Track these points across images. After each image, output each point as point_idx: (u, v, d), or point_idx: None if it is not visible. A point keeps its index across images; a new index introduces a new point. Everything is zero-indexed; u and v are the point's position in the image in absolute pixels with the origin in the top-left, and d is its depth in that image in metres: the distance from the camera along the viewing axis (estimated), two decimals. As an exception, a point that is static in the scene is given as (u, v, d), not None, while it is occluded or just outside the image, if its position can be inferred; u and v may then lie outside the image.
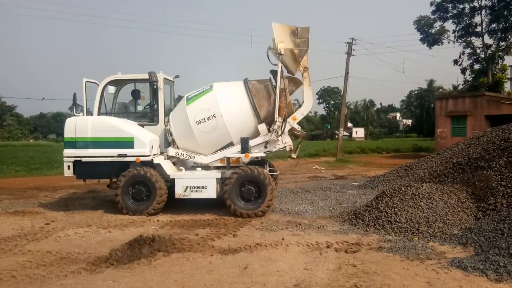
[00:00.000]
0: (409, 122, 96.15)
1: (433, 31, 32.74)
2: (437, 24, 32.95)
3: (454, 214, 6.99)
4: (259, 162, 9.10)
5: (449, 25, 40.26)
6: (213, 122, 8.41)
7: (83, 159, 8.52)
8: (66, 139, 8.58)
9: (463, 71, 34.01)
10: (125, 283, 4.73)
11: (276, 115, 8.40)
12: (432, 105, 53.78)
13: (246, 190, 8.20)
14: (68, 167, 8.64)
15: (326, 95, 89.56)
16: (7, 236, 6.87)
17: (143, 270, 5.16)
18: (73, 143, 8.52)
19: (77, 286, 4.64)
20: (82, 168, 8.60)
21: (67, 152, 8.57)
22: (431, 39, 32.73)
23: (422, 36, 33.05)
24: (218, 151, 8.72)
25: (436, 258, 5.41)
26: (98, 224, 7.78)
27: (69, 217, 8.42)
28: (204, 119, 8.41)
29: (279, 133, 8.45)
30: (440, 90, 75.38)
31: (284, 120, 8.49)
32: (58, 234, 7.00)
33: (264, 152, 8.69)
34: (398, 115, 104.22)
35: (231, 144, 8.65)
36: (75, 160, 8.56)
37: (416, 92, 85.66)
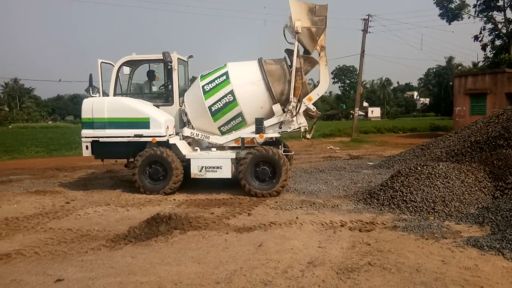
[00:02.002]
0: (427, 101, 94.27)
1: (452, 6, 31.60)
2: (457, -1, 31.79)
3: (471, 193, 6.92)
4: (273, 143, 9.12)
5: (470, -1, 38.79)
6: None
7: (101, 139, 8.67)
8: (83, 119, 8.73)
9: (484, 47, 32.94)
10: (143, 259, 4.87)
11: (291, 96, 8.32)
12: (450, 83, 52.57)
13: (260, 170, 8.24)
14: (86, 147, 8.80)
15: (342, 74, 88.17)
16: (29, 214, 7.11)
17: (160, 247, 5.30)
18: (91, 124, 8.66)
19: (97, 262, 4.80)
20: (99, 148, 8.76)
21: (85, 132, 8.73)
22: (451, 14, 31.63)
23: (441, 11, 31.97)
24: (233, 132, 8.74)
25: (452, 237, 5.39)
26: (117, 203, 7.96)
27: (88, 196, 8.64)
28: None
29: (294, 113, 8.39)
30: (460, 67, 73.36)
31: (299, 101, 8.41)
32: (78, 213, 7.21)
33: (279, 132, 8.67)
34: (415, 93, 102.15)
35: (242, 118, 8.59)
36: (93, 141, 8.72)
37: (434, 70, 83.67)
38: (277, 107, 8.45)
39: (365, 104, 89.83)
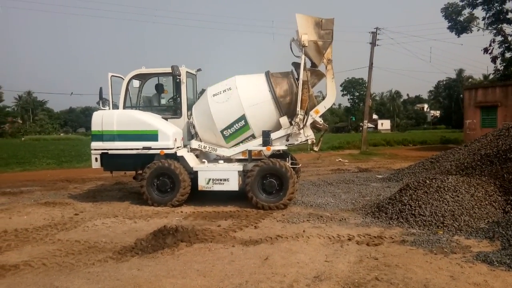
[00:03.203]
0: (437, 113, 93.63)
1: (461, 18, 31.50)
2: (466, 11, 31.64)
3: (481, 207, 6.81)
4: (281, 155, 9.13)
5: (479, 12, 38.66)
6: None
7: (110, 152, 8.77)
8: (93, 132, 8.85)
9: (494, 59, 32.66)
10: (149, 271, 4.87)
11: (298, 108, 8.35)
12: (461, 95, 52.20)
13: (268, 182, 8.23)
14: (96, 159, 8.90)
15: (351, 86, 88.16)
16: (38, 225, 7.18)
17: (166, 259, 5.30)
18: (100, 136, 8.77)
19: (103, 274, 4.82)
20: (109, 160, 8.85)
21: (95, 145, 8.84)
22: (460, 27, 31.52)
23: (450, 24, 31.92)
24: (240, 144, 8.78)
25: (461, 252, 5.30)
26: (124, 214, 8.01)
27: (97, 208, 8.70)
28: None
29: (301, 126, 8.41)
30: (470, 80, 72.92)
31: (306, 113, 8.43)
32: (87, 224, 7.26)
33: (286, 145, 8.69)
34: (425, 106, 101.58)
35: (252, 137, 8.68)
36: (102, 153, 8.82)
37: (444, 82, 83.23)
38: (284, 120, 8.48)
39: (375, 116, 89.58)
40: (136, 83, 9.52)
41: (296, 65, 8.62)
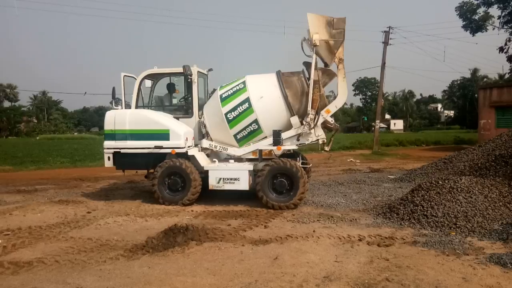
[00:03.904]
0: (451, 113, 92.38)
1: (476, 17, 31.03)
2: (481, 10, 31.15)
3: (495, 208, 6.71)
4: (291, 155, 9.11)
5: (494, 11, 38.07)
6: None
7: (122, 151, 8.86)
8: (106, 131, 8.95)
9: (510, 59, 32.03)
10: (160, 269, 4.91)
11: (309, 108, 8.32)
12: (475, 95, 51.39)
13: (278, 182, 8.23)
14: (108, 158, 9.00)
15: (363, 86, 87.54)
16: (52, 223, 7.30)
17: (177, 257, 5.34)
18: (113, 135, 8.87)
19: (115, 272, 4.87)
20: (121, 159, 8.94)
21: (107, 144, 8.94)
22: (474, 25, 31.02)
23: (464, 23, 31.45)
24: (251, 143, 8.79)
25: (474, 254, 5.23)
26: (136, 213, 8.09)
27: (109, 206, 8.81)
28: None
29: (312, 126, 8.38)
30: (485, 79, 71.75)
31: (317, 113, 8.40)
32: (99, 222, 7.35)
33: (297, 144, 8.66)
34: (439, 106, 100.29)
35: (263, 136, 8.68)
36: (114, 152, 8.92)
37: (458, 82, 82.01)
38: (295, 120, 8.46)
39: (387, 116, 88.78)
40: (148, 82, 9.59)
41: (307, 65, 8.59)
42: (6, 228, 6.97)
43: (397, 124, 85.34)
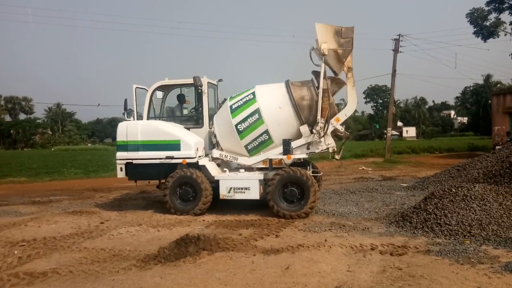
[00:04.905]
0: (465, 120, 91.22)
1: (487, 23, 30.80)
2: (492, 16, 30.94)
3: (510, 216, 6.59)
4: (302, 164, 9.11)
5: (506, 17, 37.57)
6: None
7: (134, 161, 8.96)
8: (118, 142, 9.08)
9: (523, 64, 31.68)
10: (172, 280, 4.94)
11: (319, 116, 8.34)
12: (489, 101, 50.68)
13: (289, 191, 8.22)
14: (121, 169, 9.11)
15: (374, 93, 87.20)
16: (66, 234, 7.39)
17: (188, 268, 5.36)
18: (125, 146, 8.99)
19: (127, 282, 4.91)
20: (133, 170, 9.05)
21: (120, 155, 9.06)
22: (486, 32, 30.75)
23: (475, 29, 31.22)
24: (261, 153, 8.81)
25: (489, 262, 5.14)
26: (148, 223, 8.15)
27: (122, 217, 8.89)
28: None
29: (322, 134, 8.38)
30: (498, 85, 70.77)
31: (327, 122, 8.41)
32: (112, 233, 7.43)
33: (307, 153, 8.66)
34: (452, 112, 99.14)
35: (274, 146, 8.70)
36: (127, 162, 9.03)
37: (471, 88, 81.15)
38: (304, 128, 8.48)
39: (400, 123, 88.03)
40: (159, 94, 9.72)
41: (316, 74, 8.63)
42: (21, 239, 7.09)
43: (410, 132, 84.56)
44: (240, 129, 8.57)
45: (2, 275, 5.23)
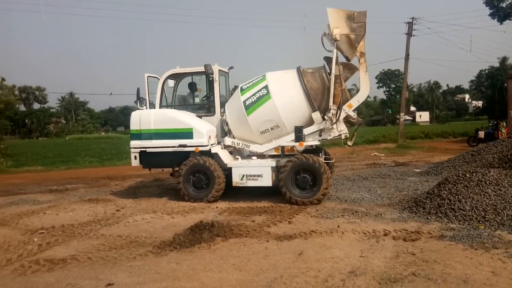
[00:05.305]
0: (480, 103, 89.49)
1: (504, 4, 29.95)
2: (509, -3, 30.09)
3: (526, 201, 6.51)
4: (314, 150, 9.11)
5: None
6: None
7: (148, 150, 9.06)
8: (132, 131, 9.18)
9: (540, 46, 30.80)
10: (187, 265, 5.04)
11: (331, 103, 8.28)
12: (505, 84, 49.54)
13: (301, 178, 8.24)
14: (135, 157, 9.22)
15: (386, 78, 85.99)
16: (83, 221, 7.57)
17: (203, 253, 5.46)
18: (139, 135, 9.09)
19: (144, 268, 5.03)
20: (147, 158, 9.15)
21: (133, 143, 9.17)
22: (502, 13, 29.93)
23: (491, 11, 30.39)
24: (273, 140, 8.82)
25: (504, 247, 5.12)
26: (163, 210, 8.28)
27: (137, 204, 9.05)
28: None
29: (334, 121, 8.34)
30: (515, 67, 69.05)
31: (339, 108, 8.35)
32: (128, 220, 7.57)
33: (319, 140, 8.65)
34: (467, 96, 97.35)
35: (285, 132, 8.69)
36: (140, 151, 9.14)
37: (487, 71, 79.29)
38: (316, 115, 8.44)
39: (413, 108, 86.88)
40: (171, 82, 9.76)
41: (328, 60, 8.54)
42: (40, 226, 7.28)
43: (423, 116, 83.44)
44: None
45: (23, 262, 5.40)
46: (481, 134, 22.46)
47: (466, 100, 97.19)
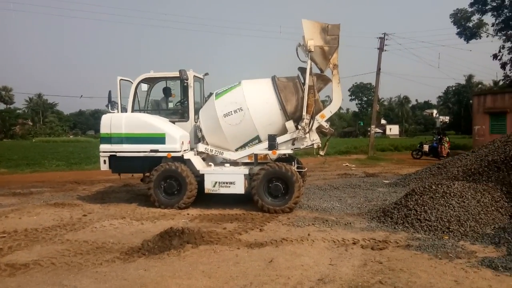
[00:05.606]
0: (447, 119, 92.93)
1: (470, 24, 31.40)
2: (475, 17, 31.57)
3: (487, 213, 6.81)
4: (287, 159, 9.19)
5: (488, 18, 38.35)
6: (239, 114, 8.46)
7: (118, 154, 8.88)
8: (102, 135, 8.98)
9: (503, 65, 32.41)
10: (156, 272, 4.95)
11: (304, 112, 8.41)
12: (470, 101, 51.73)
13: (273, 186, 8.29)
14: (104, 161, 9.02)
15: (359, 91, 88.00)
16: (47, 226, 7.30)
17: (172, 260, 5.37)
18: (109, 139, 8.89)
19: (111, 274, 4.90)
20: (117, 163, 8.97)
21: (103, 147, 8.97)
22: (469, 33, 31.36)
23: (459, 30, 31.80)
24: (246, 147, 8.85)
25: (466, 257, 5.31)
26: (132, 216, 8.11)
27: (105, 209, 8.82)
28: (231, 112, 8.49)
29: (307, 130, 8.46)
30: (480, 85, 72.32)
31: (312, 118, 8.48)
32: (95, 225, 7.37)
33: (292, 149, 8.74)
34: (434, 111, 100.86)
35: (258, 140, 8.73)
36: (110, 155, 8.94)
37: (453, 88, 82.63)
38: (290, 124, 8.54)
39: (383, 121, 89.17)
40: (144, 86, 9.61)
41: (302, 70, 8.68)
42: (2, 230, 6.98)
43: (393, 129, 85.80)
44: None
45: (-17, 267, 5.15)
46: (426, 147, 24.13)
47: (434, 115, 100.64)
